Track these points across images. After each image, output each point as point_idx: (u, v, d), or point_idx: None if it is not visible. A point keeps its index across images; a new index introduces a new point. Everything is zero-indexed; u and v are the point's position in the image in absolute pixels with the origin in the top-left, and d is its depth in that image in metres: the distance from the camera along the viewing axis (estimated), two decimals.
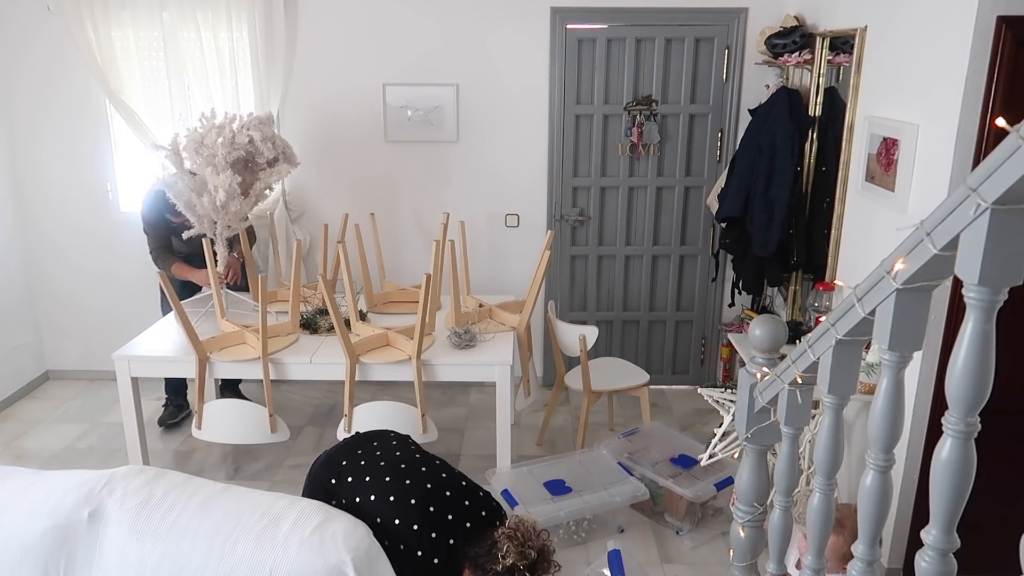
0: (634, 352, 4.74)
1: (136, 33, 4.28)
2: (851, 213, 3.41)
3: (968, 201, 1.09)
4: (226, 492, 2.01)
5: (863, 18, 3.28)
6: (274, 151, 3.62)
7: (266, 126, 3.65)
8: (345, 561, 1.74)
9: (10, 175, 4.56)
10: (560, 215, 4.55)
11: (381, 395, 3.88)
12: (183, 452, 4.03)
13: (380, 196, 4.53)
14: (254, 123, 3.60)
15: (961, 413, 1.21)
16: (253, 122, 3.61)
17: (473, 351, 3.44)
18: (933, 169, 2.67)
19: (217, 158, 3.50)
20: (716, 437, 2.81)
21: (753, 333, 1.80)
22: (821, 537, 1.71)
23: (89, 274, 4.69)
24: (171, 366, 3.57)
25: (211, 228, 3.65)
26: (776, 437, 1.86)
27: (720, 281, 4.58)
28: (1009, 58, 2.42)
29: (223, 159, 3.50)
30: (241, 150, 3.54)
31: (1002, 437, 2.13)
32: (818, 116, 3.73)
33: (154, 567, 1.78)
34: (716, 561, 3.11)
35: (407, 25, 4.28)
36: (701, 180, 4.47)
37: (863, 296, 1.40)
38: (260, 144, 3.56)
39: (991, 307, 1.15)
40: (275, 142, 3.64)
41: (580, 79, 4.35)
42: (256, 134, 3.56)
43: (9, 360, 4.59)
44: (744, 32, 4.23)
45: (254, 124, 3.59)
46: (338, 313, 3.26)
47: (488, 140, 4.44)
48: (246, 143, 3.54)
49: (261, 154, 3.59)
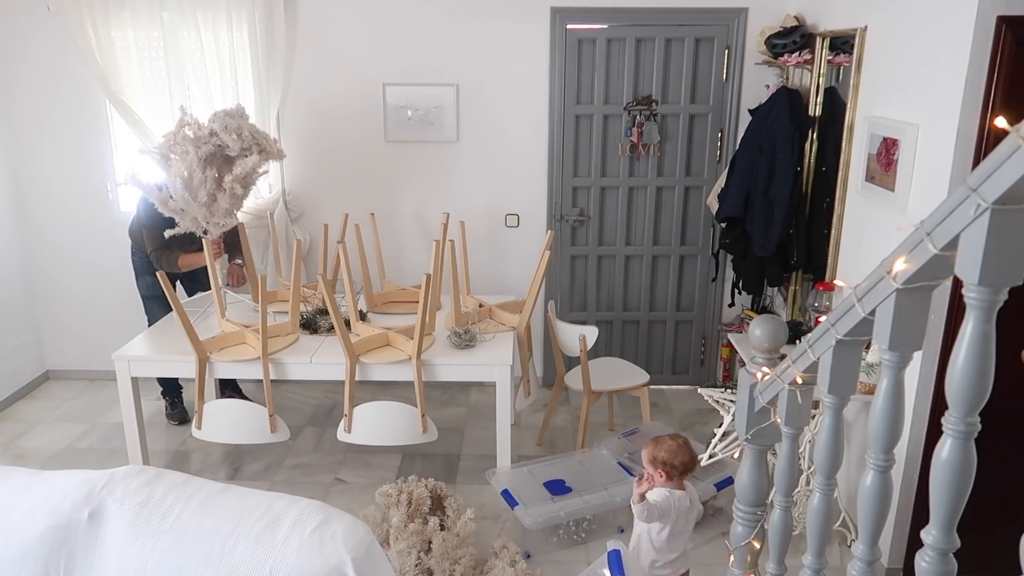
0: (634, 352, 4.74)
1: (136, 33, 4.27)
2: (851, 213, 3.41)
3: (968, 201, 1.09)
4: (226, 492, 2.01)
5: (863, 18, 3.28)
6: (240, 143, 3.53)
7: (233, 118, 3.55)
8: (345, 561, 1.74)
9: (10, 175, 4.56)
10: (560, 215, 4.55)
11: (381, 395, 3.88)
12: (183, 452, 4.03)
13: (380, 196, 4.53)
14: (219, 116, 3.54)
15: (961, 413, 1.21)
16: (219, 115, 3.55)
17: (473, 351, 3.44)
18: (933, 169, 2.67)
19: (190, 155, 3.48)
20: (716, 437, 2.81)
21: (753, 333, 1.80)
22: (821, 537, 1.71)
23: (89, 274, 4.69)
24: (171, 366, 3.57)
25: (197, 225, 3.63)
26: (776, 437, 1.86)
27: (720, 281, 4.58)
28: (1009, 58, 2.42)
29: (195, 156, 3.48)
30: (210, 145, 3.50)
31: (1002, 437, 2.13)
32: (818, 116, 3.73)
33: (154, 567, 1.78)
34: (716, 561, 3.10)
35: (407, 25, 4.28)
36: (701, 180, 4.47)
37: (863, 296, 1.40)
38: (223, 136, 3.48)
39: (991, 307, 1.15)
40: (242, 134, 3.54)
41: (580, 79, 4.35)
42: (218, 126, 3.49)
43: (9, 360, 4.59)
44: (744, 32, 4.23)
45: (219, 117, 3.54)
46: (338, 313, 3.26)
47: (488, 140, 4.44)
48: (207, 135, 3.49)
49: (228, 147, 3.53)
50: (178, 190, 3.53)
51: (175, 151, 3.51)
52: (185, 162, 3.47)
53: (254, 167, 3.58)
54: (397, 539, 2.88)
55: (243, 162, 3.53)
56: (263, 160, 3.65)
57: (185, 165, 3.47)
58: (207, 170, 3.53)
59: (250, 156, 3.56)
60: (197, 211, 3.56)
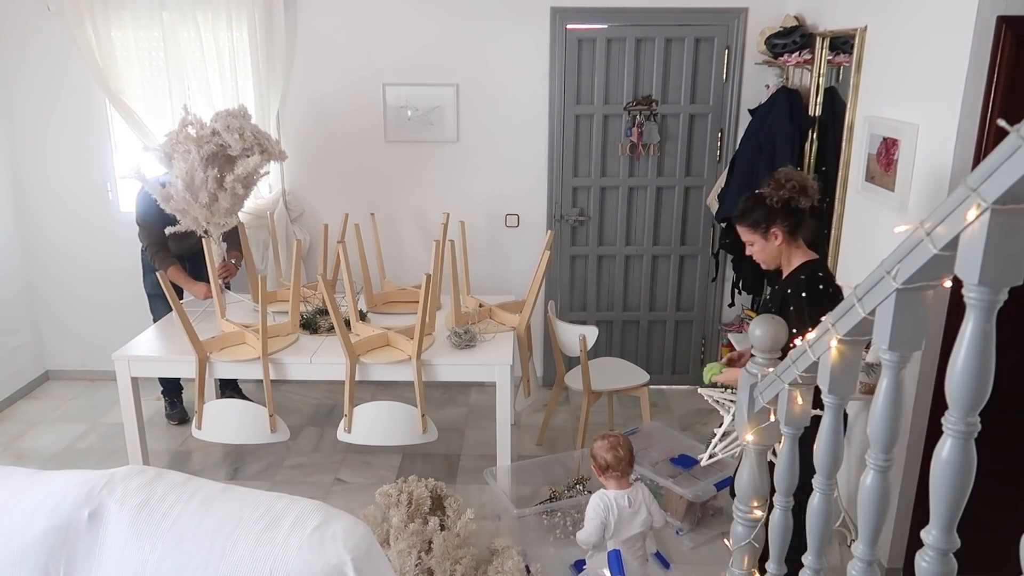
0: (634, 352, 4.74)
1: (136, 33, 4.27)
2: (851, 213, 3.41)
3: (968, 201, 1.09)
4: (226, 492, 2.01)
5: (863, 18, 3.28)
6: (242, 143, 3.54)
7: (235, 118, 3.57)
8: (345, 561, 1.74)
9: (10, 175, 4.56)
10: (560, 215, 4.55)
11: (381, 395, 3.88)
12: (183, 452, 4.03)
13: (380, 196, 4.53)
14: (221, 116, 3.56)
15: (961, 413, 1.21)
16: (221, 115, 3.57)
17: (473, 351, 3.44)
18: (933, 169, 2.67)
19: (192, 154, 3.48)
20: (716, 437, 2.81)
21: (753, 333, 1.80)
22: (821, 537, 1.71)
23: (89, 274, 4.69)
24: (171, 366, 3.57)
25: (198, 225, 3.64)
26: (776, 437, 1.86)
27: (720, 281, 4.58)
28: (1009, 58, 2.42)
29: (197, 155, 3.48)
30: (212, 144, 3.51)
31: (1002, 437, 2.13)
32: (818, 116, 3.73)
33: (154, 567, 1.78)
34: (716, 561, 3.10)
35: (407, 25, 4.28)
36: (701, 180, 4.47)
37: (863, 296, 1.40)
38: (225, 136, 3.50)
39: (991, 307, 1.15)
40: (243, 134, 3.55)
41: (580, 79, 4.35)
42: (220, 125, 3.50)
43: (9, 360, 4.59)
44: (744, 32, 4.22)
45: (221, 117, 3.55)
46: (338, 313, 3.25)
47: (488, 140, 4.44)
48: (209, 134, 3.50)
49: (230, 147, 3.54)
50: (179, 191, 3.53)
51: (177, 150, 3.51)
52: (187, 162, 3.48)
53: (256, 167, 3.58)
54: (397, 539, 2.88)
55: (245, 162, 3.54)
56: (264, 160, 3.65)
57: (187, 166, 3.48)
58: (208, 169, 3.53)
59: (252, 156, 3.57)
60: (198, 211, 3.57)
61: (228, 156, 3.59)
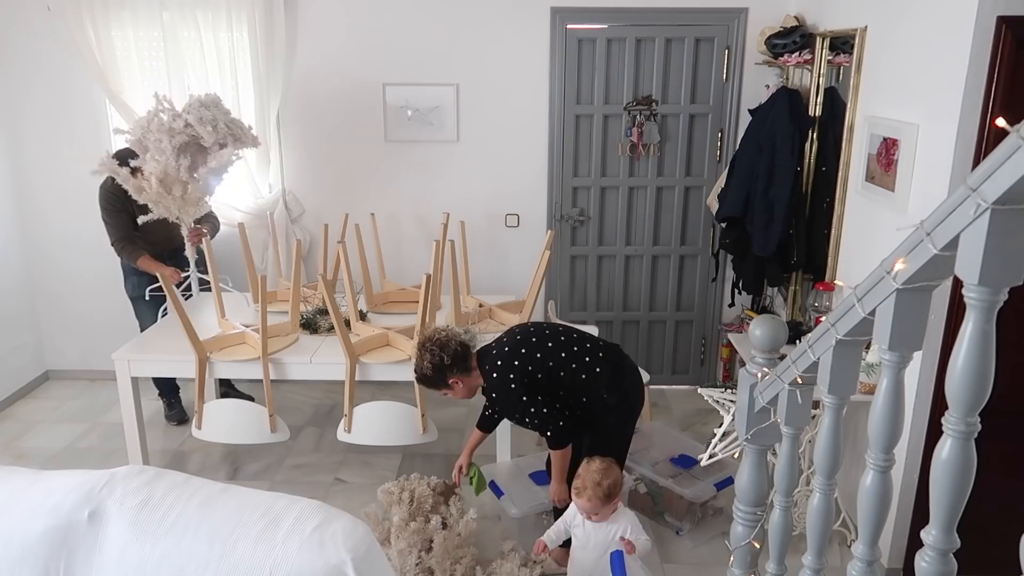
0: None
1: (136, 33, 4.28)
2: (851, 213, 3.41)
3: (968, 201, 1.09)
4: (226, 492, 2.01)
5: (863, 18, 3.28)
6: (215, 135, 3.55)
7: (208, 109, 3.57)
8: (345, 561, 1.74)
9: (10, 175, 4.56)
10: (560, 215, 4.55)
11: (381, 395, 3.88)
12: (183, 452, 4.03)
13: (380, 196, 4.52)
14: (195, 107, 3.56)
15: (961, 413, 1.21)
16: (194, 105, 3.56)
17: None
18: (933, 169, 2.67)
19: (164, 144, 3.49)
20: (716, 437, 2.81)
21: (753, 333, 1.80)
22: (821, 537, 1.71)
23: (89, 274, 4.69)
24: (171, 366, 3.57)
25: (170, 213, 3.65)
26: (776, 437, 1.86)
27: (720, 281, 4.58)
28: (1009, 58, 2.42)
29: (170, 146, 3.49)
30: (183, 135, 3.52)
31: (1002, 437, 2.13)
32: (818, 116, 3.73)
33: (154, 567, 1.78)
34: (716, 561, 3.10)
35: (407, 25, 4.28)
36: (701, 180, 4.47)
37: (863, 296, 1.40)
38: (199, 128, 3.50)
39: (991, 307, 1.15)
40: (217, 126, 3.56)
41: (580, 79, 4.35)
42: (192, 118, 3.50)
43: (9, 360, 4.59)
44: (744, 32, 4.22)
45: (194, 108, 3.55)
46: (338, 313, 3.26)
47: (488, 140, 4.44)
48: (183, 127, 3.50)
49: (203, 139, 3.55)
50: (152, 185, 3.54)
51: (150, 138, 3.51)
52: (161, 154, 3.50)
53: (228, 160, 3.61)
54: (398, 538, 2.88)
55: (218, 155, 3.58)
56: (237, 148, 3.69)
57: (161, 161, 3.49)
58: (181, 159, 3.55)
59: (225, 148, 3.60)
60: (171, 203, 3.60)
61: (200, 146, 3.61)
